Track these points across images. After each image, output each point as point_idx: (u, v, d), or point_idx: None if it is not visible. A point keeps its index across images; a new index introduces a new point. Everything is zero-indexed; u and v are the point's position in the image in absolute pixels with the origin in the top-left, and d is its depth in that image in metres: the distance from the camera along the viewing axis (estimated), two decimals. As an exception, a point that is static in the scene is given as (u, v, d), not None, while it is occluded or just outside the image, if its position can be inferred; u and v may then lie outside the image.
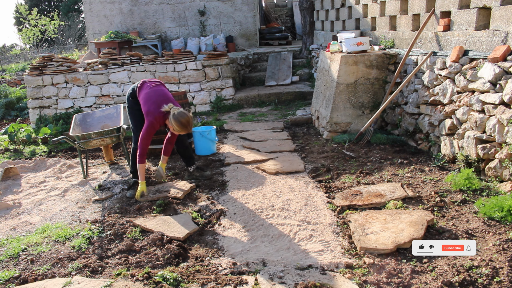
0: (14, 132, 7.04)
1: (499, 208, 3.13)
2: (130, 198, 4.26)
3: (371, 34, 6.52)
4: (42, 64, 8.34)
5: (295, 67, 10.25)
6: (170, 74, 8.39)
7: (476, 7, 4.19)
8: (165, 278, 2.67)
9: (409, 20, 5.40)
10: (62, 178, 5.10)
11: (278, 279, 2.65)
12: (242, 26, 12.37)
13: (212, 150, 5.53)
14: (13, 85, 13.15)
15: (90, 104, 8.32)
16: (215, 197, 4.10)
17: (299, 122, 6.84)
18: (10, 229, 3.78)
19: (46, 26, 21.83)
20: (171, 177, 4.75)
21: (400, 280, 2.55)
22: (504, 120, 3.56)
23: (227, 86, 8.54)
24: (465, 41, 4.36)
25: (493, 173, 3.73)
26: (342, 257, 2.86)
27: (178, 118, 3.87)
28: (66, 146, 6.58)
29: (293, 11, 15.94)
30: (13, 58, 22.44)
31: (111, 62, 8.38)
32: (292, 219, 3.46)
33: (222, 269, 2.83)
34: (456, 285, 2.46)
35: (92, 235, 3.46)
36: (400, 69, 5.25)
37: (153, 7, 12.02)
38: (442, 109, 4.51)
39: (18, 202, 4.40)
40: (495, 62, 3.78)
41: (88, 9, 12.13)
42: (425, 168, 4.29)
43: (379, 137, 5.28)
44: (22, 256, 3.23)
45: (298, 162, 4.88)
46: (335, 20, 8.37)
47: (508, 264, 2.59)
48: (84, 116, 5.51)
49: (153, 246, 3.18)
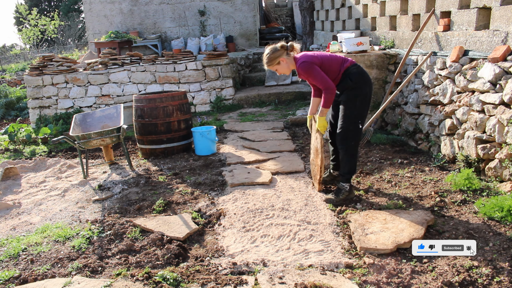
0: (14, 132, 7.04)
1: (499, 208, 3.13)
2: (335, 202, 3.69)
3: (371, 34, 6.52)
4: (42, 64, 8.33)
5: (295, 67, 10.24)
6: (170, 74, 8.39)
7: (476, 7, 4.19)
8: (165, 278, 2.67)
9: (409, 20, 5.40)
10: (62, 178, 5.10)
11: (278, 279, 2.65)
12: (242, 26, 12.37)
13: (212, 150, 5.53)
14: (13, 85, 13.15)
15: (90, 104, 8.32)
16: (215, 197, 4.10)
17: (299, 122, 6.84)
18: (10, 229, 3.78)
19: (46, 26, 21.82)
20: (171, 177, 4.75)
21: (400, 280, 2.55)
22: (504, 120, 3.56)
23: (227, 86, 8.54)
24: (465, 41, 4.36)
25: (493, 173, 3.73)
26: (342, 257, 2.86)
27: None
28: (66, 146, 6.58)
29: (293, 11, 15.93)
30: (13, 58, 22.44)
31: (111, 62, 8.38)
32: (292, 219, 3.46)
33: (222, 269, 2.83)
34: (456, 285, 2.46)
35: (92, 235, 3.46)
36: (400, 69, 5.25)
37: (153, 7, 12.02)
38: (442, 109, 4.51)
39: (18, 202, 4.40)
40: (495, 62, 3.78)
41: (88, 9, 12.13)
42: (425, 168, 4.29)
43: (379, 137, 5.28)
44: (22, 256, 3.23)
45: (298, 162, 4.88)
46: (335, 20, 8.37)
47: (508, 264, 2.59)
48: (84, 116, 5.51)
49: (153, 246, 3.18)
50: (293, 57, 3.62)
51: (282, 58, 3.58)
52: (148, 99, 5.44)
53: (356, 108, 3.56)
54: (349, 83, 3.53)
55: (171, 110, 5.45)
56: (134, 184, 4.62)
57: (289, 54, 3.60)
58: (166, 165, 5.21)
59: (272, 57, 3.59)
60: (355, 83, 3.53)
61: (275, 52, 3.58)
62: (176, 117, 5.49)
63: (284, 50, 3.58)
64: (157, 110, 5.40)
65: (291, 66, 3.63)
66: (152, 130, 5.45)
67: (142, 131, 5.51)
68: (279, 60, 3.59)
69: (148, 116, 5.43)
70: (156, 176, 4.82)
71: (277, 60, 3.59)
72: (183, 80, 8.41)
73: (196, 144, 5.51)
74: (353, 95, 3.55)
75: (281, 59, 3.58)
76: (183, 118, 5.58)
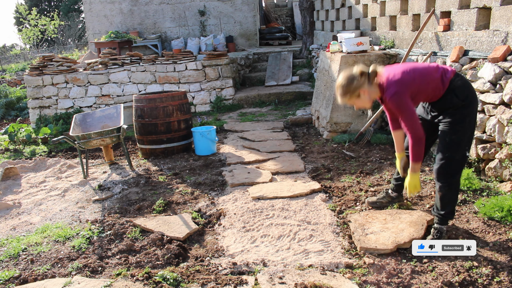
0: (14, 132, 7.04)
1: (499, 208, 3.13)
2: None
3: (371, 34, 6.52)
4: (42, 64, 8.34)
5: (295, 67, 10.25)
6: (170, 74, 8.39)
7: (476, 7, 4.19)
8: (165, 278, 2.67)
9: (409, 20, 5.40)
10: (62, 178, 5.10)
11: (278, 279, 2.65)
12: (242, 26, 12.37)
13: (212, 150, 5.53)
14: (13, 85, 13.14)
15: (90, 104, 8.32)
16: (215, 197, 4.10)
17: (299, 122, 6.84)
18: (10, 229, 3.78)
19: (46, 26, 21.83)
20: (171, 177, 4.75)
21: (400, 280, 2.55)
22: (504, 120, 3.56)
23: (227, 86, 8.54)
24: (465, 41, 4.36)
25: (493, 173, 3.73)
26: (342, 257, 2.86)
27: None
28: (66, 146, 6.58)
29: (293, 11, 15.94)
30: (13, 58, 22.44)
31: (111, 62, 8.38)
32: (292, 219, 3.46)
33: (222, 269, 2.83)
34: (456, 285, 2.46)
35: (92, 235, 3.46)
36: (400, 69, 5.25)
37: (153, 7, 12.02)
38: (442, 109, 4.51)
39: (18, 202, 4.40)
40: (495, 62, 3.78)
41: (88, 9, 12.13)
42: (425, 168, 4.29)
43: (379, 137, 5.28)
44: (22, 256, 3.23)
45: (298, 162, 4.88)
46: (335, 20, 8.37)
47: (508, 264, 2.59)
48: (84, 116, 5.51)
49: (153, 246, 3.18)
50: (378, 84, 2.81)
51: (363, 89, 2.76)
52: (148, 99, 5.44)
53: (465, 132, 2.77)
54: (455, 101, 2.72)
55: (171, 110, 5.45)
56: (134, 184, 4.62)
57: (372, 82, 2.79)
58: (166, 165, 5.21)
59: (349, 89, 2.75)
60: (463, 100, 2.72)
61: (354, 83, 2.74)
62: (176, 117, 5.49)
63: (365, 78, 2.77)
64: (157, 110, 5.40)
65: (373, 96, 2.84)
66: (152, 130, 5.45)
67: (142, 131, 5.51)
68: (359, 92, 2.77)
69: (148, 116, 5.43)
70: (156, 176, 4.82)
71: (357, 92, 2.76)
72: (183, 80, 8.41)
73: (196, 144, 5.51)
74: (460, 116, 2.74)
75: (362, 91, 2.76)
76: (183, 118, 5.58)
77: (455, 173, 2.84)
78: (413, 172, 2.86)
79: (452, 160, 2.79)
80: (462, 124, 2.75)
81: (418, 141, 2.72)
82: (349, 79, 2.76)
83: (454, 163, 2.80)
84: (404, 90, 2.69)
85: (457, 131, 2.76)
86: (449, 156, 2.78)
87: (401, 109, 2.70)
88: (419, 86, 2.72)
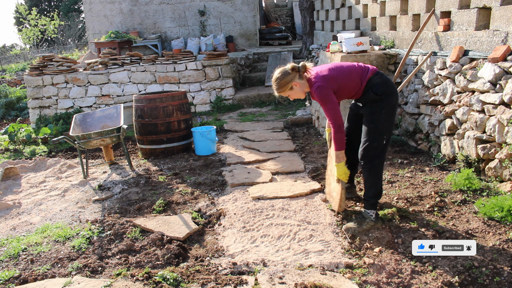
0: (14, 132, 7.04)
1: (499, 208, 3.13)
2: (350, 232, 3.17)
3: (371, 34, 6.52)
4: (42, 64, 8.34)
5: (295, 67, 10.24)
6: (170, 74, 8.39)
7: (476, 7, 4.19)
8: (165, 278, 2.67)
9: (409, 20, 5.40)
10: (62, 178, 5.10)
11: (278, 279, 2.65)
12: (242, 26, 12.38)
13: (212, 150, 5.53)
14: (13, 85, 13.15)
15: (90, 104, 8.32)
16: (215, 197, 4.10)
17: (299, 122, 6.84)
18: (10, 229, 3.78)
19: (46, 26, 21.82)
20: (171, 177, 4.75)
21: (400, 280, 2.55)
22: (504, 120, 3.56)
23: (227, 86, 8.54)
24: (465, 41, 4.36)
25: (493, 173, 3.73)
26: (342, 257, 2.86)
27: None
28: (66, 146, 6.58)
29: (293, 11, 15.94)
30: (13, 58, 22.44)
31: (111, 62, 8.39)
32: (292, 219, 3.46)
33: (222, 269, 2.83)
34: (456, 285, 2.46)
35: (92, 235, 3.46)
36: (400, 69, 5.25)
37: (153, 7, 12.02)
38: (442, 109, 4.51)
39: (18, 202, 4.40)
40: (495, 62, 3.78)
41: (88, 9, 12.13)
42: (425, 168, 4.29)
43: (379, 137, 5.27)
44: (22, 256, 3.23)
45: (298, 162, 4.88)
46: (335, 20, 8.37)
47: (508, 264, 2.59)
48: (84, 116, 5.51)
49: (153, 246, 3.18)
50: (307, 78, 3.13)
51: (295, 82, 3.10)
52: (148, 99, 5.44)
53: (382, 121, 3.10)
54: (372, 96, 3.09)
55: (171, 110, 5.45)
56: (134, 184, 4.62)
57: (302, 76, 3.12)
58: (166, 165, 5.21)
59: (282, 82, 3.10)
60: (379, 95, 3.08)
61: (286, 76, 3.09)
62: (176, 117, 5.49)
63: (296, 72, 3.10)
64: (157, 110, 5.40)
65: (305, 90, 3.17)
66: (152, 130, 5.45)
67: (142, 131, 5.51)
68: (291, 85, 3.10)
69: (148, 116, 5.43)
70: (156, 176, 4.82)
71: (289, 85, 3.10)
72: (183, 80, 8.41)
73: (196, 144, 5.51)
74: (378, 108, 3.10)
75: (294, 84, 3.10)
76: (183, 118, 5.58)
77: (374, 157, 3.14)
78: (338, 162, 3.17)
79: (370, 146, 3.13)
80: (379, 115, 3.11)
81: (338, 128, 3.06)
82: (282, 73, 3.13)
83: (372, 149, 3.12)
84: (328, 85, 3.05)
85: (374, 121, 3.12)
86: (368, 142, 3.13)
87: (324, 101, 3.04)
88: (341, 83, 3.09)
